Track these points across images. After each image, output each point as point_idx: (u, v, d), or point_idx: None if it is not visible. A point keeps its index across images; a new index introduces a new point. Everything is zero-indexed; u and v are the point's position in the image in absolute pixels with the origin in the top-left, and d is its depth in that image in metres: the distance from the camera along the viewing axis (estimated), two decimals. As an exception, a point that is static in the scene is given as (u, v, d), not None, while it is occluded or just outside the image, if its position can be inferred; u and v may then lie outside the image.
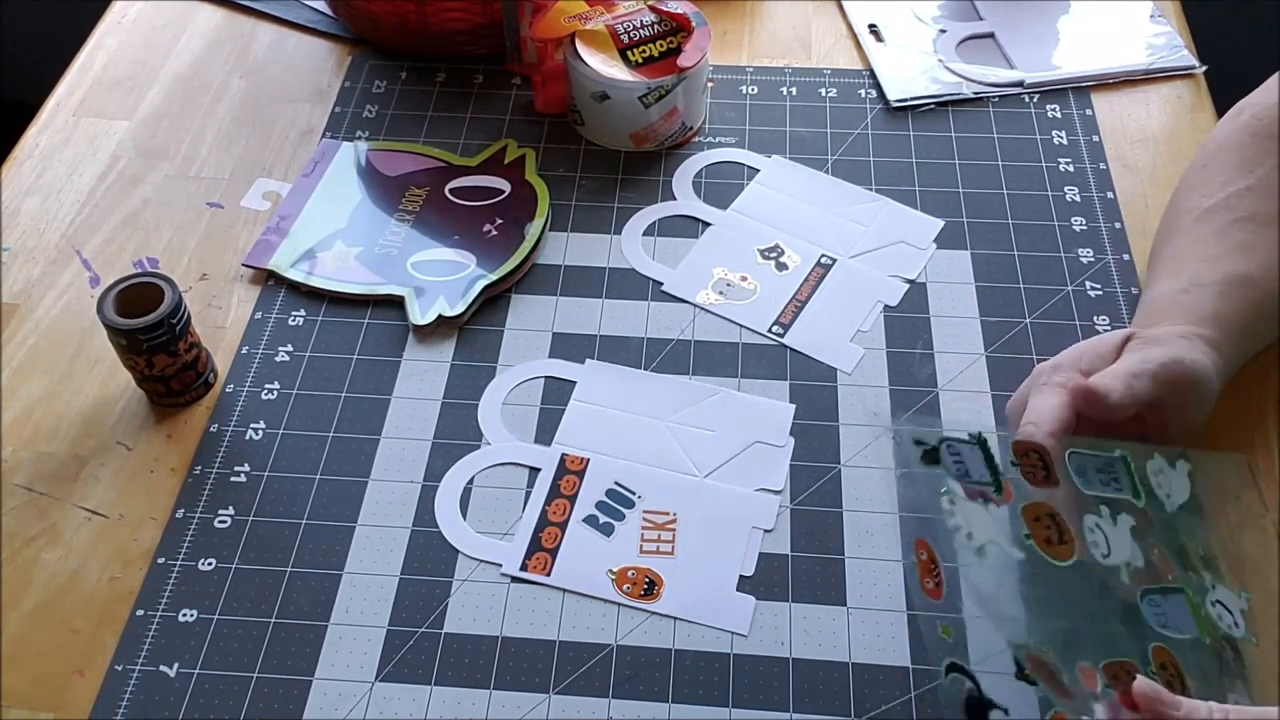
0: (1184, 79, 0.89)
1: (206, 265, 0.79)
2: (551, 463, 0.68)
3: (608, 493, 0.66)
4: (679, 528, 0.65)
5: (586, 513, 0.66)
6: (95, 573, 0.64)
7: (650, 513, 0.66)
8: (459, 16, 0.88)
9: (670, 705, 0.59)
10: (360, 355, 0.73)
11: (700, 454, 0.68)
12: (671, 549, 0.64)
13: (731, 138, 0.86)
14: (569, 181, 0.84)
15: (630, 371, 0.72)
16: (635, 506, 0.66)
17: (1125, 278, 0.76)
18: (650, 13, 0.84)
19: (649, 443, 0.68)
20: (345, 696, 0.59)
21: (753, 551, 0.64)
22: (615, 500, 0.66)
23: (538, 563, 0.64)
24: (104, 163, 0.85)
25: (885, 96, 0.88)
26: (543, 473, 0.67)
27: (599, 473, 0.67)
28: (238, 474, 0.68)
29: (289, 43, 0.95)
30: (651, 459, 0.68)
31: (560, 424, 0.69)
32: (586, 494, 0.66)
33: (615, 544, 0.64)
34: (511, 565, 0.64)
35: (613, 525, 0.65)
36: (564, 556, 0.64)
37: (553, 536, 0.65)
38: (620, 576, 0.63)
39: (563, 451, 0.68)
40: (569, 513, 0.65)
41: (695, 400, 0.70)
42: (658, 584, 0.63)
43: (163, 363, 0.68)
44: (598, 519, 0.65)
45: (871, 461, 0.68)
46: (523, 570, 0.63)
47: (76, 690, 0.60)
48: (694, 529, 0.65)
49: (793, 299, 0.76)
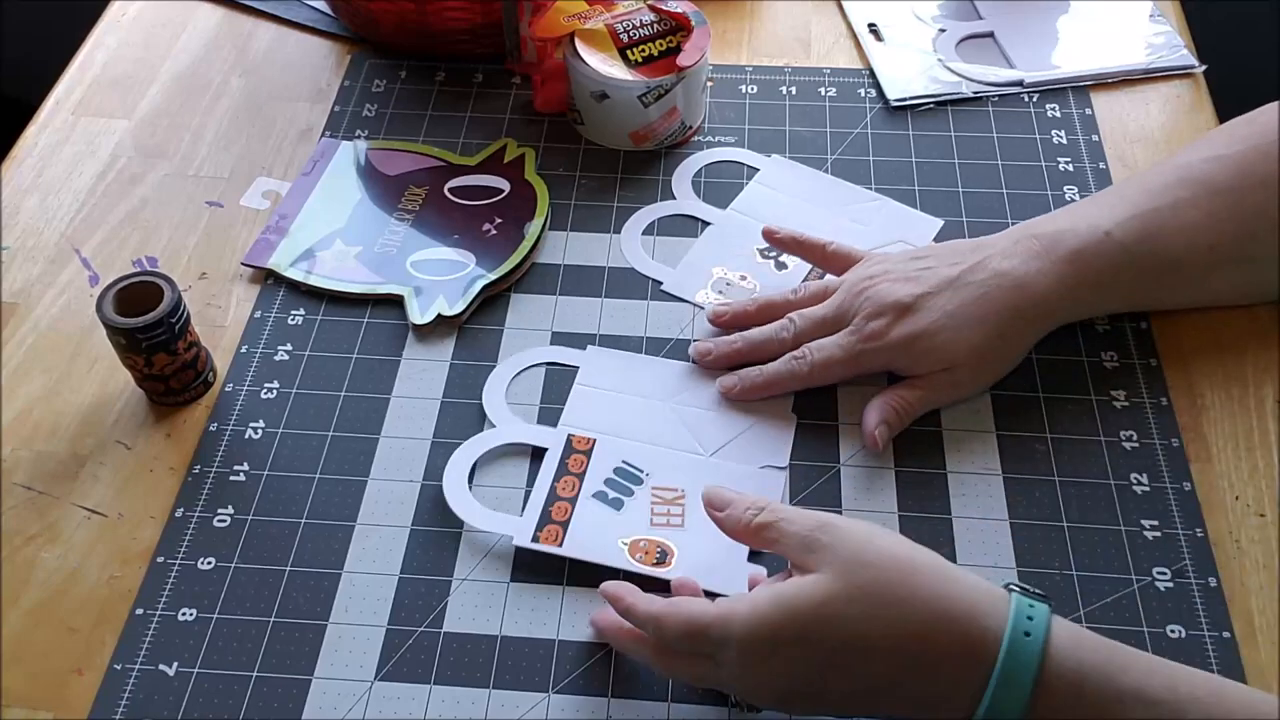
0: (1183, 78, 0.89)
1: (206, 264, 0.79)
2: (558, 443, 0.68)
3: (615, 470, 0.67)
4: (688, 502, 0.65)
5: (596, 489, 0.66)
6: (94, 572, 0.64)
7: (659, 489, 0.66)
8: (458, 16, 0.88)
9: (670, 705, 0.59)
10: (359, 354, 0.73)
11: (704, 433, 0.69)
12: (682, 522, 0.65)
13: (731, 137, 0.86)
14: (568, 181, 0.84)
15: (631, 355, 0.73)
16: (644, 483, 0.66)
17: (1125, 277, 0.76)
18: (650, 12, 0.84)
19: (654, 423, 0.69)
20: (344, 696, 0.59)
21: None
22: (624, 477, 0.66)
23: (549, 534, 0.64)
24: (103, 161, 0.85)
25: (885, 96, 0.88)
26: (550, 452, 0.67)
27: (606, 452, 0.68)
28: (237, 473, 0.68)
29: (289, 42, 0.95)
30: (658, 439, 0.68)
31: (565, 407, 0.70)
32: (595, 471, 0.67)
33: (626, 517, 0.65)
34: (523, 537, 0.64)
35: (622, 500, 0.65)
36: (575, 528, 0.64)
37: (563, 510, 0.65)
38: (633, 546, 0.63)
39: (569, 432, 0.68)
40: (578, 489, 0.66)
41: (697, 382, 0.71)
42: (669, 553, 0.63)
43: (162, 362, 0.68)
44: (607, 494, 0.66)
45: (871, 461, 0.68)
46: (534, 541, 0.63)
47: (76, 689, 0.60)
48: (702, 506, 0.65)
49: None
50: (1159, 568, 0.63)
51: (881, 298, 0.68)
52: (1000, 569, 0.63)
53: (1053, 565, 0.63)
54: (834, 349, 0.69)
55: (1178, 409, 0.69)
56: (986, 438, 0.68)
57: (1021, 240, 0.69)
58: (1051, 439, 0.68)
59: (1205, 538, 0.64)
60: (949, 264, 0.69)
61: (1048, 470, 0.67)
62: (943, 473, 0.67)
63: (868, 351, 0.68)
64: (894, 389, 0.68)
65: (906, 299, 0.67)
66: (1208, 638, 0.60)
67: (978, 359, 0.67)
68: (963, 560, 0.63)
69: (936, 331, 0.67)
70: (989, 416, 0.69)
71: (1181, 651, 0.59)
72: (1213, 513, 0.65)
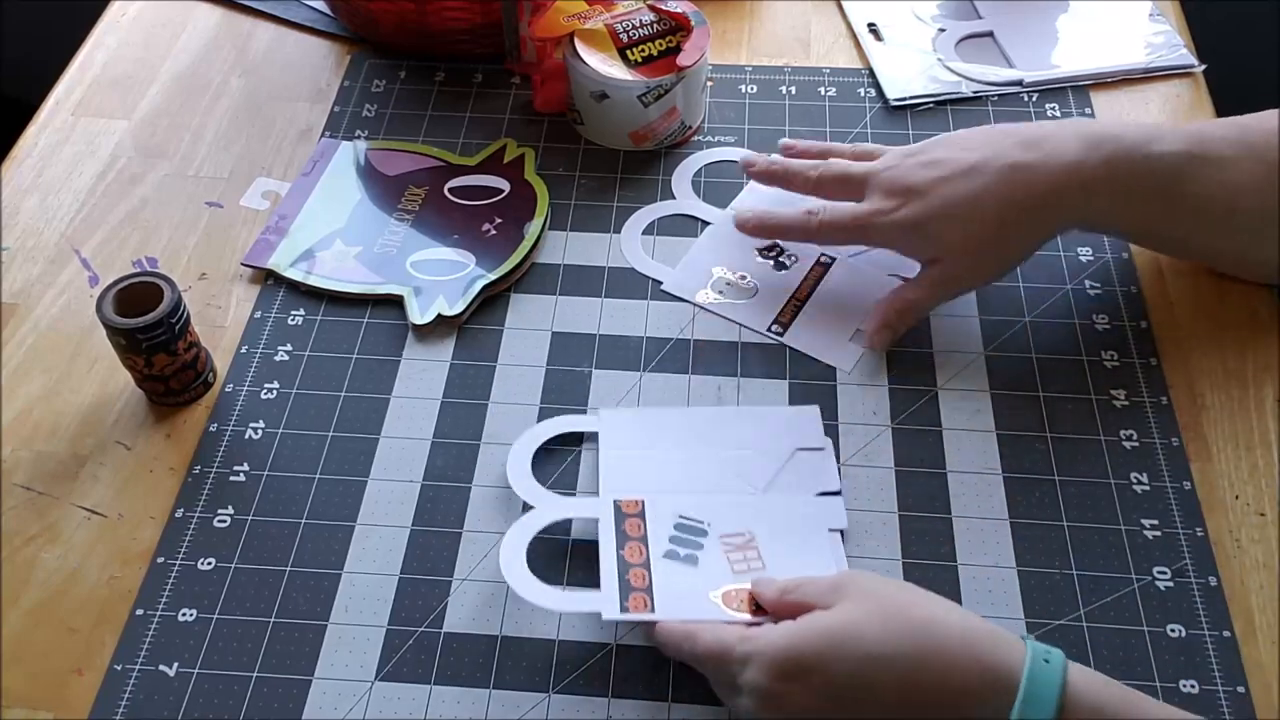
0: (1183, 78, 0.89)
1: (205, 264, 0.79)
2: (607, 511, 0.64)
3: (676, 526, 0.63)
4: (760, 546, 0.63)
5: (664, 549, 0.62)
6: (94, 572, 0.64)
7: (726, 536, 0.63)
8: (458, 16, 0.88)
9: (670, 705, 0.59)
10: (359, 355, 0.73)
11: (748, 472, 0.66)
12: (762, 564, 0.62)
13: (731, 137, 0.86)
14: (568, 181, 0.84)
15: (645, 410, 0.70)
16: (709, 533, 0.63)
17: (1125, 276, 0.76)
18: (649, 12, 0.84)
19: (695, 472, 0.66)
20: (345, 696, 0.59)
21: (839, 554, 0.63)
22: (687, 532, 0.63)
23: (636, 602, 0.60)
24: (103, 162, 0.85)
25: (884, 95, 0.88)
26: (602, 521, 0.64)
27: (659, 511, 0.64)
28: (237, 473, 0.68)
29: (288, 42, 0.95)
30: (705, 487, 0.66)
31: (600, 475, 0.66)
32: (655, 532, 0.63)
33: (705, 570, 0.61)
34: (611, 610, 0.60)
35: (695, 555, 0.62)
36: (660, 591, 0.60)
37: (640, 577, 0.61)
38: (726, 598, 0.60)
39: (614, 499, 0.65)
40: (646, 553, 0.62)
41: (720, 424, 0.69)
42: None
43: (162, 362, 0.68)
44: (678, 553, 0.62)
45: (872, 461, 0.68)
46: (624, 611, 0.60)
47: (76, 689, 0.60)
48: (775, 544, 0.63)
49: (791, 298, 0.75)
50: (1159, 567, 0.63)
51: (899, 179, 0.69)
52: (1000, 568, 0.63)
53: (1053, 565, 0.63)
54: (843, 214, 0.71)
55: (1178, 408, 0.69)
56: (987, 437, 0.68)
57: (1069, 133, 0.68)
58: (1051, 438, 0.68)
59: (1205, 537, 0.64)
60: (980, 149, 0.69)
61: (1048, 470, 0.67)
62: (943, 472, 0.67)
63: (869, 227, 0.70)
64: (894, 292, 0.71)
65: (919, 184, 0.68)
66: (1208, 637, 0.60)
67: (974, 248, 0.68)
68: (962, 560, 0.63)
69: (935, 218, 0.68)
70: (989, 416, 0.69)
71: (1182, 650, 0.59)
72: (1213, 512, 0.65)
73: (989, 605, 0.61)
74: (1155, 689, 0.58)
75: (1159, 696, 0.58)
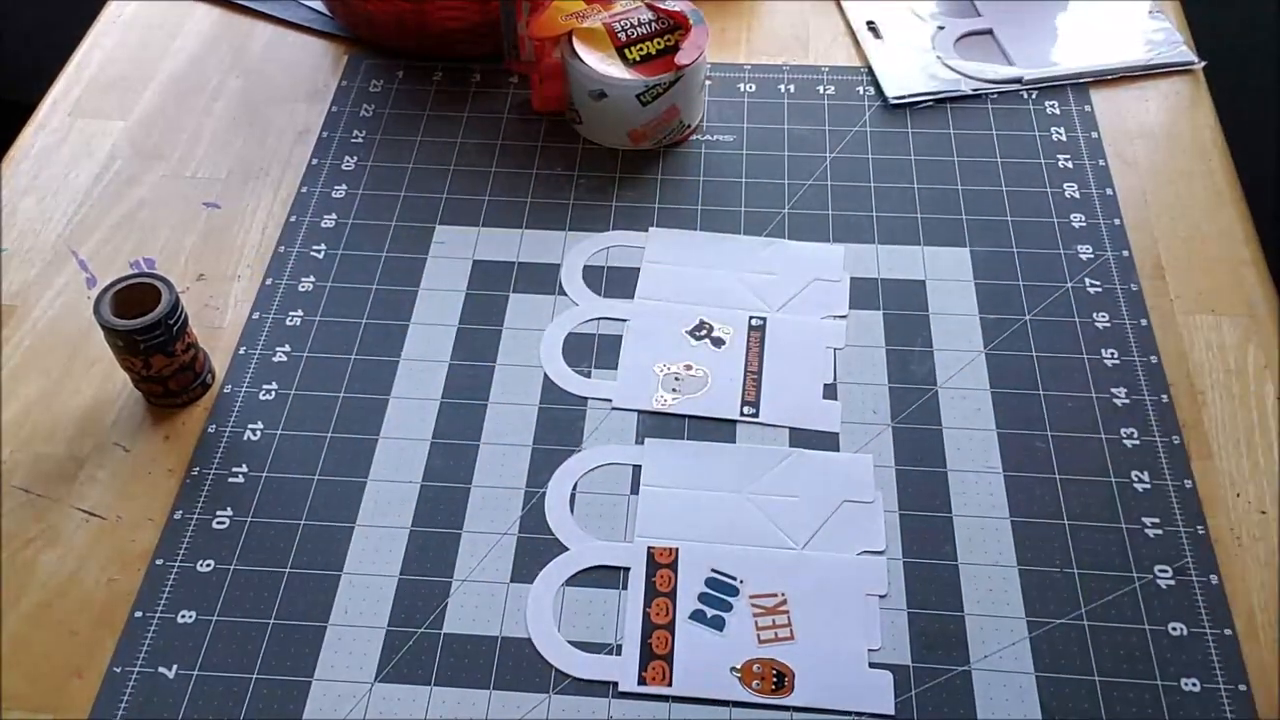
0: (1183, 75, 0.89)
1: (203, 265, 0.79)
2: (639, 560, 0.63)
3: (707, 582, 0.62)
4: (791, 609, 0.61)
5: (691, 608, 0.61)
6: (93, 574, 0.64)
7: (757, 597, 0.62)
8: (456, 15, 0.88)
9: (670, 705, 0.59)
10: (358, 355, 0.73)
11: (790, 524, 0.65)
12: (790, 633, 0.61)
13: (730, 135, 0.86)
14: (567, 180, 0.83)
15: (694, 445, 0.68)
16: (740, 593, 0.62)
17: (1125, 274, 0.76)
18: (648, 10, 0.84)
19: (735, 520, 0.65)
20: (344, 697, 0.59)
21: (874, 622, 0.61)
22: (717, 589, 0.62)
23: (655, 672, 0.59)
24: (100, 163, 0.85)
25: (883, 93, 0.88)
26: (633, 571, 0.63)
27: (692, 562, 0.63)
28: (236, 475, 0.68)
29: (285, 42, 0.95)
30: (743, 538, 0.64)
31: (636, 514, 0.65)
32: (685, 587, 0.62)
33: (730, 638, 0.60)
34: (629, 681, 0.59)
35: (722, 618, 0.61)
36: (680, 660, 0.59)
37: (663, 641, 0.60)
38: (746, 673, 0.59)
39: (648, 545, 0.64)
40: (673, 613, 0.61)
41: (769, 465, 0.67)
42: (786, 675, 0.59)
43: (160, 363, 0.68)
44: (705, 614, 0.61)
45: (872, 461, 0.67)
46: (641, 684, 0.59)
47: (75, 691, 0.60)
48: (807, 608, 0.61)
49: (746, 373, 0.72)
50: (1160, 565, 0.63)
51: None
52: (1001, 567, 0.63)
53: (1053, 563, 0.63)
54: None
55: (1178, 406, 0.69)
56: (987, 436, 0.68)
57: None
58: (1052, 437, 0.68)
59: (1206, 535, 0.64)
60: None
61: (1048, 468, 0.67)
62: (943, 471, 0.67)
63: None
64: None
65: None
66: (1209, 635, 0.60)
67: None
68: (963, 559, 0.63)
69: None
70: (989, 415, 0.69)
71: (1183, 649, 0.59)
72: (1214, 510, 0.65)
73: (990, 604, 0.61)
74: (1157, 687, 0.58)
75: (1160, 694, 0.58)
